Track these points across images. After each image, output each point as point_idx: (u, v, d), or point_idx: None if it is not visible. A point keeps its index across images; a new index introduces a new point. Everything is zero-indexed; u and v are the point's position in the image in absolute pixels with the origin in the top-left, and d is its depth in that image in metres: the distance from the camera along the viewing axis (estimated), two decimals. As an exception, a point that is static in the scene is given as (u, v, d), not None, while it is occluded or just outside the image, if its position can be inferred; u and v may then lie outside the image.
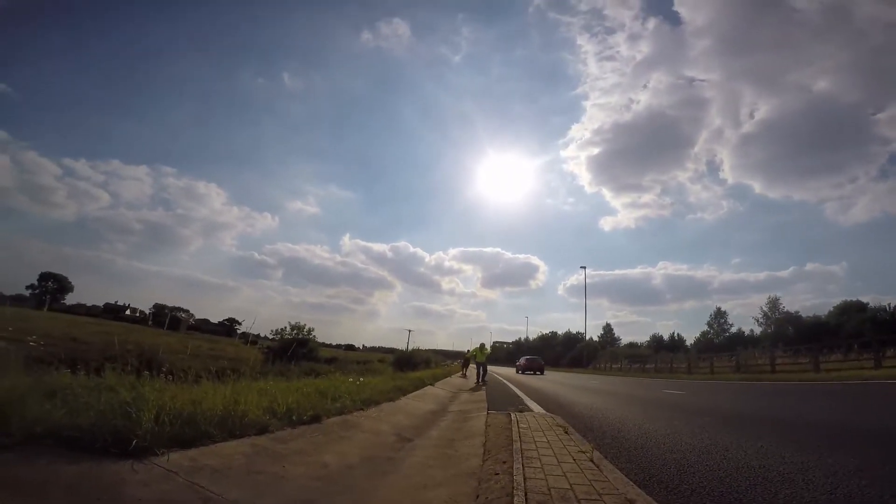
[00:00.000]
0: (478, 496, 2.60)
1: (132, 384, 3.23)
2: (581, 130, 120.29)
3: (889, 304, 41.29)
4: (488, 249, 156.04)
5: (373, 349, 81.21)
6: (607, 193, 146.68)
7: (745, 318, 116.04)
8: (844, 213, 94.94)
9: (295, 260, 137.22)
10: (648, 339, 71.32)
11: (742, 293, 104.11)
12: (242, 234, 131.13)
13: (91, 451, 2.28)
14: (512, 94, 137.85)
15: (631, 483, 2.66)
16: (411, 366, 19.80)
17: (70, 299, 78.76)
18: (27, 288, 76.88)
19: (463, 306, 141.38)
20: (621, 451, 3.72)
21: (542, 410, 6.88)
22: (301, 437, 3.72)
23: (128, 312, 76.32)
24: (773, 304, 55.98)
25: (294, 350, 19.14)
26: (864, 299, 44.54)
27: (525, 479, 2.67)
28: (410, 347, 33.20)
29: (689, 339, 65.83)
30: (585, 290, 53.68)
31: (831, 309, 48.44)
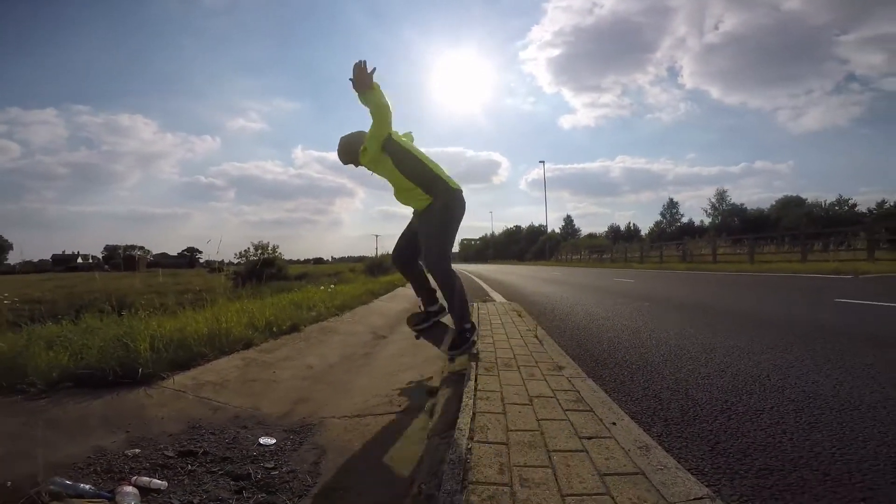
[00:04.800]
0: (443, 371, 3.11)
1: (116, 322, 3.46)
2: (541, 32, 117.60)
3: (825, 202, 44.40)
4: (450, 149, 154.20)
5: (342, 260, 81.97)
6: (567, 93, 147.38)
7: (696, 209, 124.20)
8: (796, 121, 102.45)
9: (245, 178, 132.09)
10: (607, 229, 74.84)
11: (695, 185, 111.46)
12: (183, 160, 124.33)
13: (106, 386, 2.57)
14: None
15: (564, 354, 3.21)
16: (382, 270, 20.31)
17: (12, 258, 75.38)
18: (-40, 256, 71.33)
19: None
20: (566, 330, 4.36)
21: (503, 300, 7.57)
22: (284, 345, 4.15)
23: (80, 261, 73.29)
24: (721, 196, 59.29)
25: (262, 271, 19.17)
26: (805, 196, 48.06)
27: (478, 352, 3.18)
28: (380, 253, 33.95)
29: (645, 229, 69.59)
30: (545, 183, 57.22)
31: (773, 203, 51.79)
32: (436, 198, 2.85)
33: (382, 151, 2.80)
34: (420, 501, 1.44)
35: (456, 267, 3.18)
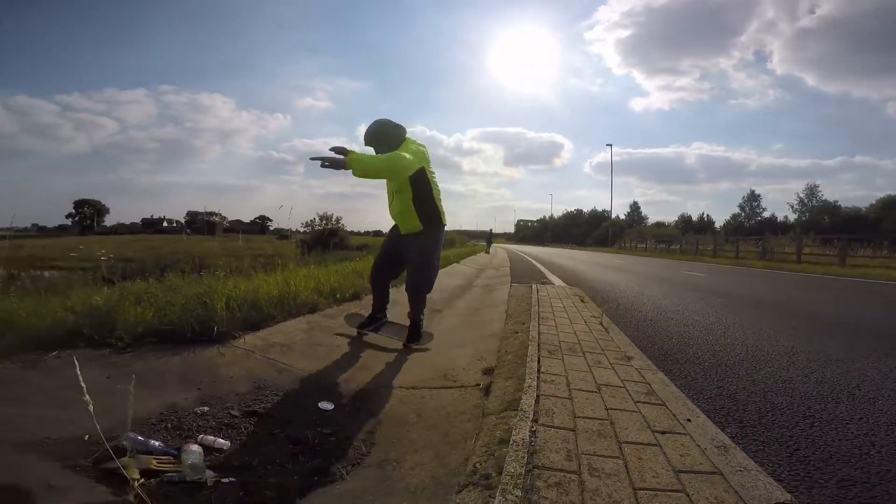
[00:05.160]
0: (499, 350, 3.07)
1: (197, 281, 3.66)
2: (608, 13, 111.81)
3: (937, 205, 38.95)
4: (510, 129, 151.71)
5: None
6: (638, 76, 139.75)
7: (781, 203, 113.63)
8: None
9: (313, 154, 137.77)
10: (677, 218, 70.72)
11: (781, 178, 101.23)
12: (257, 136, 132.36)
13: (184, 342, 2.74)
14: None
15: (632, 344, 3.07)
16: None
17: (108, 221, 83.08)
18: (67, 217, 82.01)
19: (486, 186, 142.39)
20: (631, 321, 4.17)
21: (562, 284, 7.37)
22: (346, 311, 4.22)
23: (165, 224, 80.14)
24: (811, 191, 53.59)
25: (327, 240, 19.92)
26: (913, 197, 42.34)
27: (539, 334, 3.12)
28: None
29: (720, 222, 65.00)
30: (612, 167, 53.47)
31: (873, 202, 46.17)
32: (432, 232, 3.26)
33: (408, 180, 3.05)
34: (475, 480, 1.41)
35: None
